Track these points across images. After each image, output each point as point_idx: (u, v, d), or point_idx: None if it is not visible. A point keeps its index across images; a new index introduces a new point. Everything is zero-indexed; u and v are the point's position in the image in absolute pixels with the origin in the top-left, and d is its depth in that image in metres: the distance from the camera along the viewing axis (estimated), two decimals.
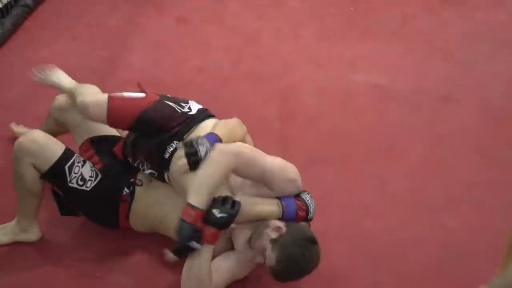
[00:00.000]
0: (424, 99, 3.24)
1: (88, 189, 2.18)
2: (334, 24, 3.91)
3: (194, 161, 1.97)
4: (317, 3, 4.10)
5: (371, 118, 3.10)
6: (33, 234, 2.32)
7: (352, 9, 4.05)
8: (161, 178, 2.21)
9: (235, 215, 1.93)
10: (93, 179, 2.19)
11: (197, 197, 1.90)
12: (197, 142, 1.99)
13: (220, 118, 2.80)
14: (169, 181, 2.17)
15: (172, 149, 2.13)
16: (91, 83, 3.22)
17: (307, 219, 2.09)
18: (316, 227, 2.16)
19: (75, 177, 2.15)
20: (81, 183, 2.16)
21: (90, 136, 2.40)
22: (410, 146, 2.93)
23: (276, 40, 3.74)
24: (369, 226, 2.48)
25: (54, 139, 2.20)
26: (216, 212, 1.90)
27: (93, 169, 2.21)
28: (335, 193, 2.63)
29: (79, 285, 2.23)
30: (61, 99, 2.51)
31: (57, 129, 2.56)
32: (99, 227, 2.38)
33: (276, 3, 4.10)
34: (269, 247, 1.96)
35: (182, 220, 1.88)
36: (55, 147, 2.15)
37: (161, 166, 2.16)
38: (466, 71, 3.47)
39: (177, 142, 2.13)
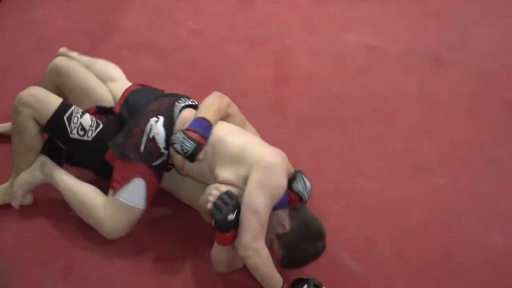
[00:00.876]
0: (417, 61, 3.24)
1: (89, 139, 2.17)
2: None
3: (188, 156, 2.05)
4: None
5: (364, 80, 3.11)
6: (26, 198, 2.30)
7: None
8: None
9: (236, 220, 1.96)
10: (93, 128, 2.18)
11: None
12: (178, 140, 2.05)
13: (214, 81, 2.80)
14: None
15: None
16: (85, 46, 3.23)
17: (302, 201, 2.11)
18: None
19: (75, 127, 2.14)
20: (81, 133, 2.16)
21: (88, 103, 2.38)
22: (402, 107, 2.94)
23: (270, 3, 3.70)
24: (362, 185, 2.51)
25: (53, 94, 2.21)
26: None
27: (93, 119, 2.20)
28: (328, 153, 2.65)
29: (77, 240, 2.25)
30: (58, 61, 2.42)
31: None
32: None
33: None
34: (275, 241, 1.98)
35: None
36: (52, 100, 2.16)
37: None
38: (459, 34, 3.47)
39: None
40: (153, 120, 2.14)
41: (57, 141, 2.24)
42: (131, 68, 2.59)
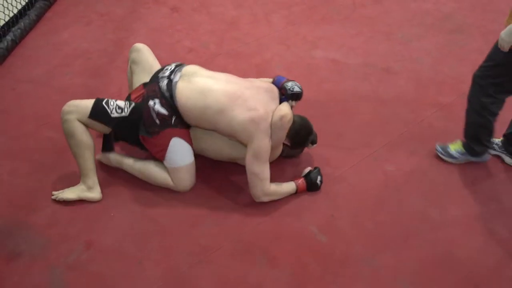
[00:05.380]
0: (370, 71, 3.22)
1: (127, 114, 2.21)
2: (298, 11, 3.84)
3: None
4: None
5: (329, 87, 3.07)
6: (96, 193, 2.25)
7: None
8: None
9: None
10: (128, 106, 2.22)
11: None
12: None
13: None
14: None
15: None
16: (102, 61, 3.16)
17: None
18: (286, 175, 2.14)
19: (113, 108, 2.19)
20: (119, 111, 2.20)
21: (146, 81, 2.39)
22: (360, 108, 2.91)
23: (252, 25, 3.65)
24: (329, 172, 2.47)
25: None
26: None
27: (125, 101, 2.25)
28: None
29: (98, 219, 2.20)
30: (138, 45, 2.48)
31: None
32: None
33: None
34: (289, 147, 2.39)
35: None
36: (87, 101, 2.20)
37: None
38: (402, 49, 3.45)
39: None
40: (151, 103, 2.20)
41: (102, 124, 2.20)
42: None
